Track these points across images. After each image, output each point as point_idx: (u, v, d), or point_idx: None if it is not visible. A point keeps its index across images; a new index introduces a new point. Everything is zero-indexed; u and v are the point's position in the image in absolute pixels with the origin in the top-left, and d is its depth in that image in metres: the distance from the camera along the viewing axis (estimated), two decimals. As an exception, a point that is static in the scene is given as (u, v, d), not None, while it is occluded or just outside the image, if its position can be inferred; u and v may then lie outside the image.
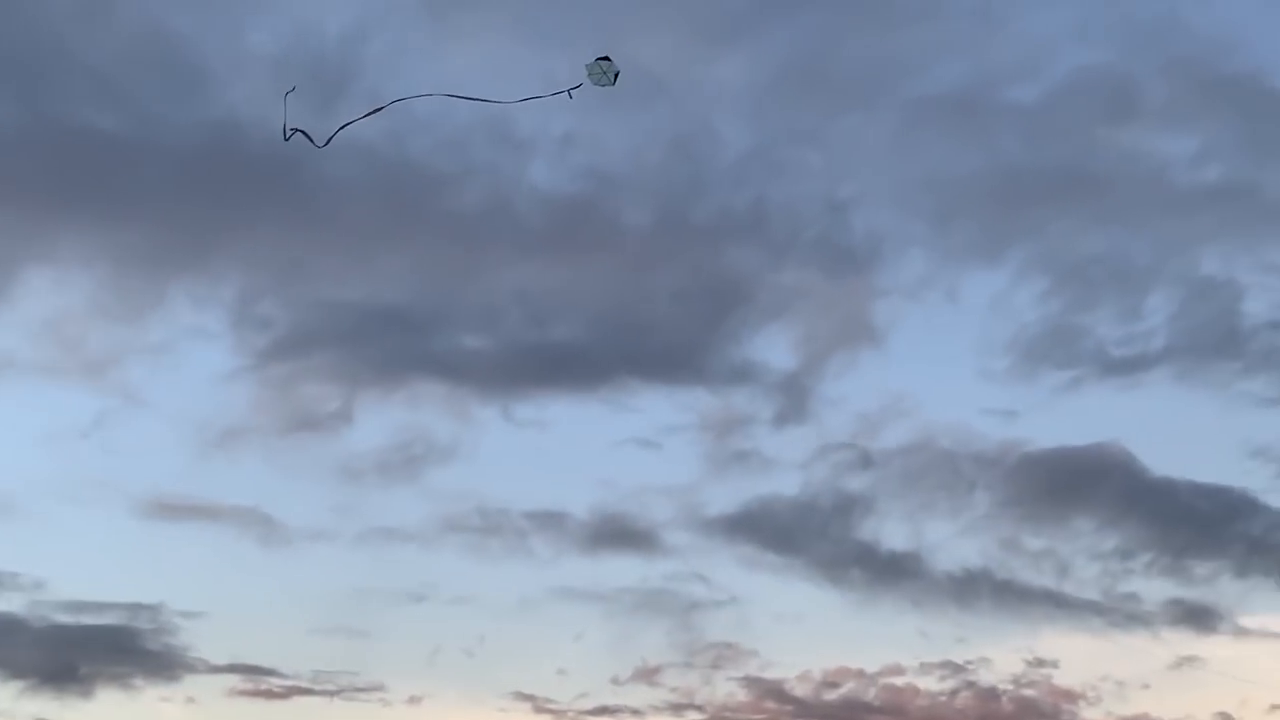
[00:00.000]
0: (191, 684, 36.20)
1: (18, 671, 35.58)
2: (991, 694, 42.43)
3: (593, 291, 39.78)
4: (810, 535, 39.40)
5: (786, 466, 40.07)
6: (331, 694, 36.56)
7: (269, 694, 36.05)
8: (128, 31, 36.33)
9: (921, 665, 40.36)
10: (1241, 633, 44.42)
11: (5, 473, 36.62)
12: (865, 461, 39.94)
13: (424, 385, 39.10)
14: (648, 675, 38.65)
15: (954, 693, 41.57)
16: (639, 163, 39.39)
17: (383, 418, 39.30)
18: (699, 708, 38.12)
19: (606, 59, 15.46)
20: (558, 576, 38.11)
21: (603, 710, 37.93)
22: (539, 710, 37.78)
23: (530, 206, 38.58)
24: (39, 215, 36.56)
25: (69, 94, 36.31)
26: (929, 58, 40.09)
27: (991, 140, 40.34)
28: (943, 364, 40.97)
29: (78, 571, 37.31)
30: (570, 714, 37.98)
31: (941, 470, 39.78)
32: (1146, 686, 40.34)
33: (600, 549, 38.97)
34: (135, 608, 36.94)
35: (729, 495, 38.98)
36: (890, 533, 39.30)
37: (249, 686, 36.10)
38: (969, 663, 40.89)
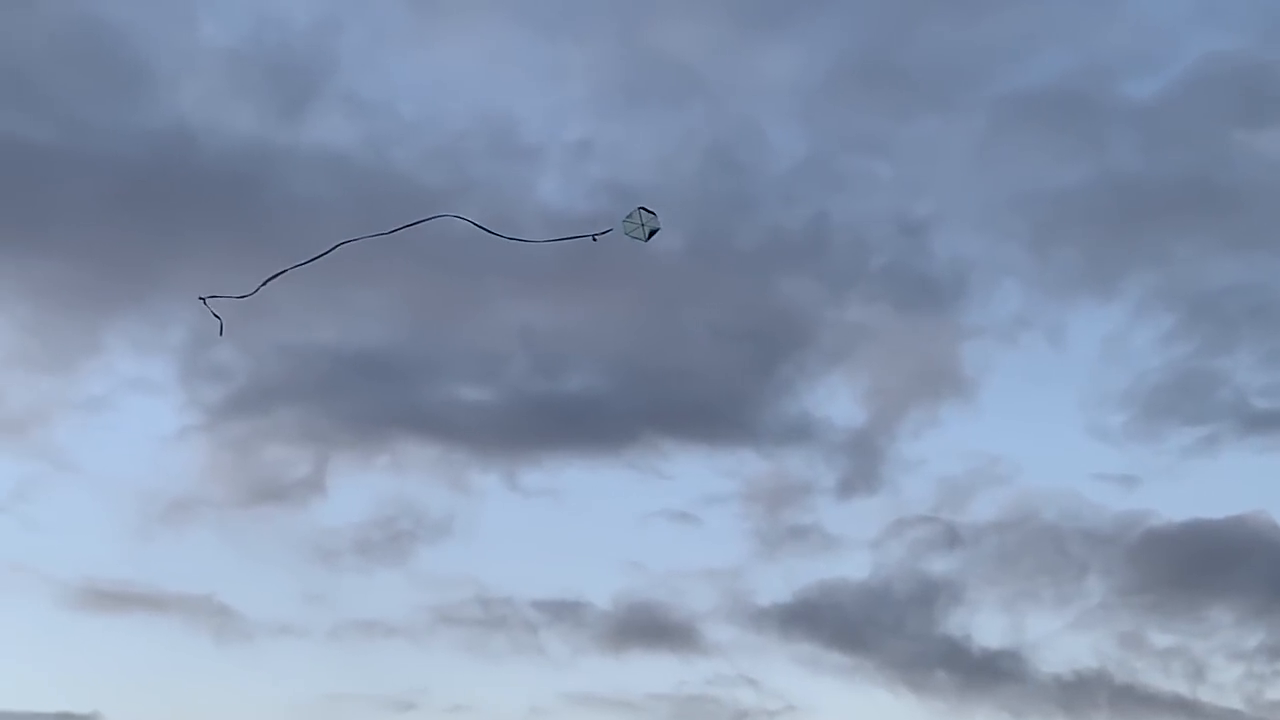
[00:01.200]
0: None
1: None
2: (1111, 826, 42.23)
3: (614, 332, 37.13)
4: (884, 630, 36.99)
5: (854, 545, 37.47)
6: None
7: None
8: (54, 24, 33.90)
9: (1024, 789, 41.56)
10: None
11: None
12: (951, 539, 37.14)
13: (411, 447, 36.79)
14: None
15: (1066, 825, 41.37)
16: (669, 175, 37.07)
17: (362, 487, 36.80)
18: None
19: (649, 211, 15.48)
20: (575, 680, 35.73)
21: None
22: None
23: (538, 229, 35.30)
24: None
25: None
26: (1024, 47, 37.96)
27: (1102, 146, 38.33)
28: (1045, 420, 38.46)
29: None
30: None
31: (1045, 549, 36.85)
32: (1305, 818, 40.54)
33: (627, 646, 36.71)
34: (66, 718, 34.62)
35: (783, 581, 36.59)
36: (983, 626, 36.57)
37: None
38: (1084, 786, 41.26)
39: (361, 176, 33.90)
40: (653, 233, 15.64)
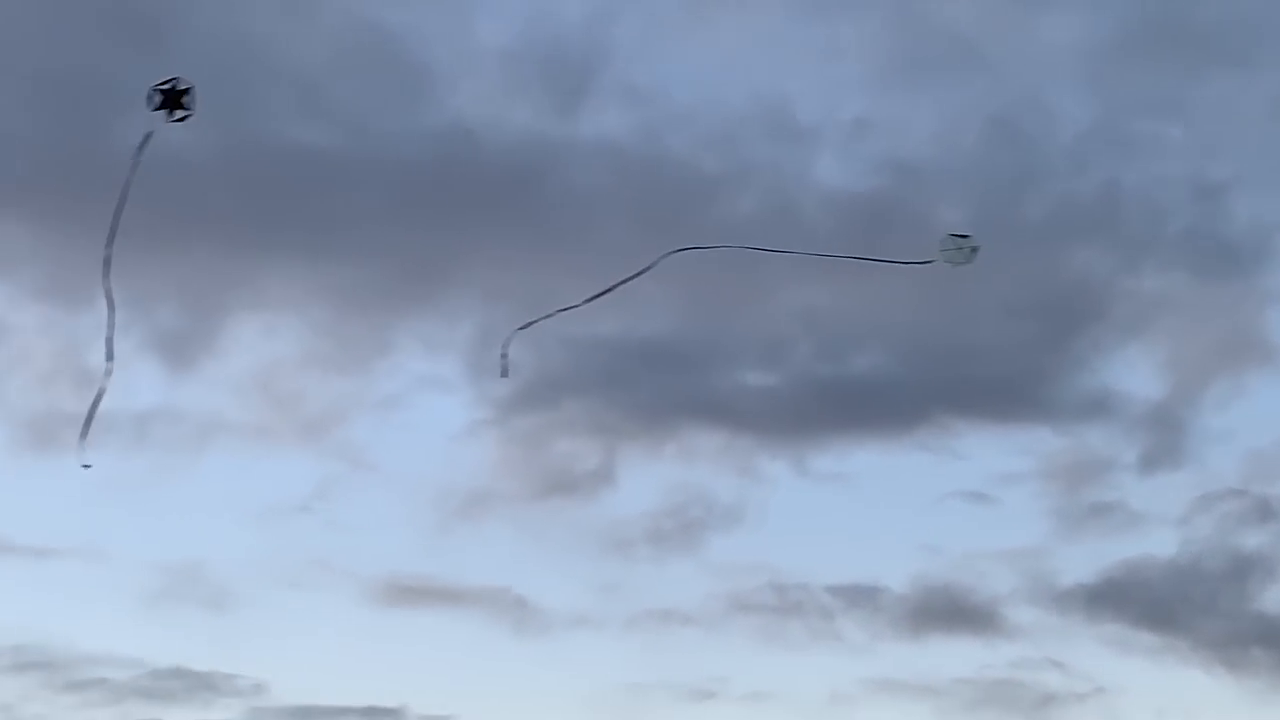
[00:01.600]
0: None
1: None
2: None
3: (901, 312, 35.54)
4: (1194, 608, 35.06)
5: (1159, 522, 35.90)
6: None
7: None
8: (337, 32, 34.16)
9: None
10: None
11: (215, 556, 35.06)
12: (1264, 512, 35.18)
13: (700, 435, 36.08)
14: None
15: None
16: (951, 149, 35.55)
17: (651, 476, 36.28)
18: None
19: (960, 235, 16.11)
20: (875, 666, 34.81)
21: None
22: None
23: (818, 210, 34.61)
24: (242, 253, 34.65)
25: (271, 107, 33.40)
26: (1325, -6, 36.57)
27: None
28: None
29: (303, 671, 34.71)
30: None
31: None
32: None
33: (926, 630, 35.54)
34: (373, 712, 35.23)
35: (1087, 560, 35.16)
36: None
37: None
38: None
39: (639, 166, 33.67)
40: (974, 251, 16.22)
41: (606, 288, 14.50)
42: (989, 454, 36.15)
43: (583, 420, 35.98)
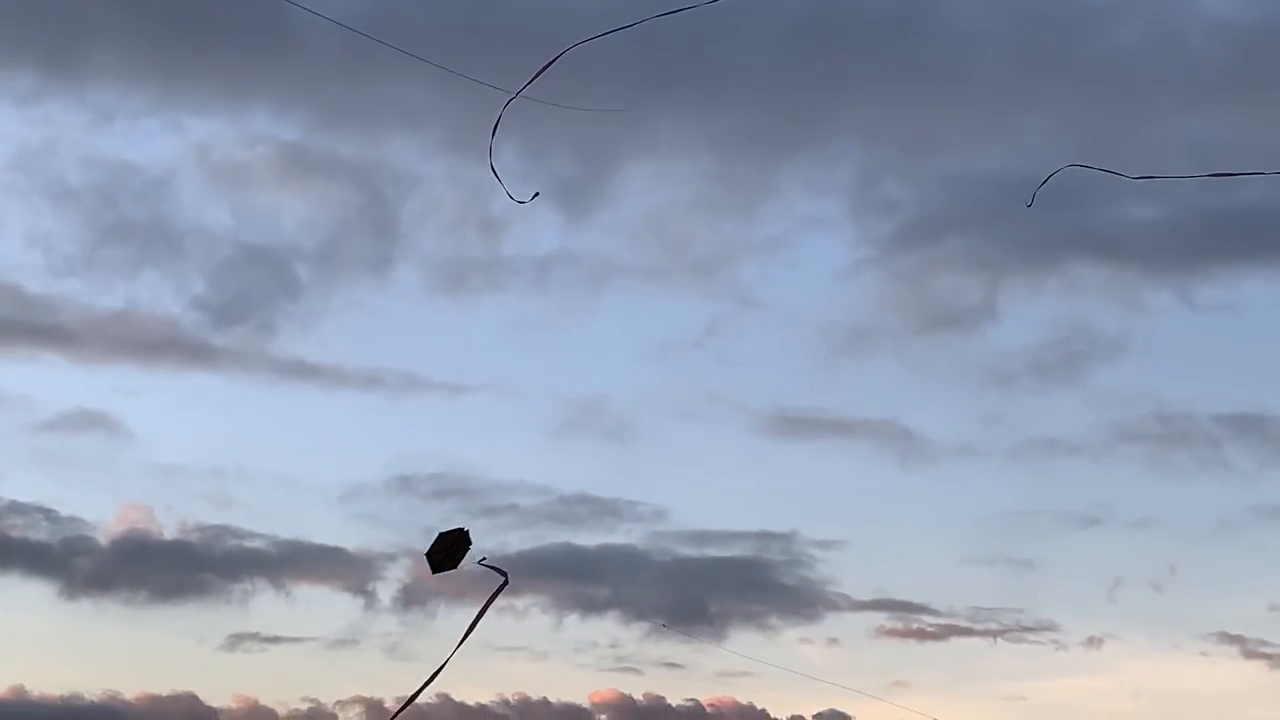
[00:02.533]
0: (833, 623, 34.32)
1: (641, 611, 34.86)
2: None
3: None
4: None
5: None
6: (994, 634, 34.05)
7: (921, 634, 33.75)
8: None
9: None
10: None
11: (615, 390, 36.09)
12: None
13: (1082, 268, 35.36)
14: None
15: None
16: None
17: (1034, 310, 36.28)
18: None
19: None
20: (1264, 493, 33.79)
21: None
22: (1250, 655, 34.67)
23: (1205, 39, 33.55)
24: (632, 102, 34.82)
25: None
26: None
27: None
28: None
29: (699, 498, 36.38)
30: None
31: None
32: None
33: None
34: (765, 537, 35.89)
35: None
36: None
37: (898, 625, 33.80)
38: None
39: (1019, 2, 33.25)
40: None
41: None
42: None
43: (965, 256, 35.65)
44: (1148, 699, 36.85)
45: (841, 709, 36.22)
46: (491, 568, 12.48)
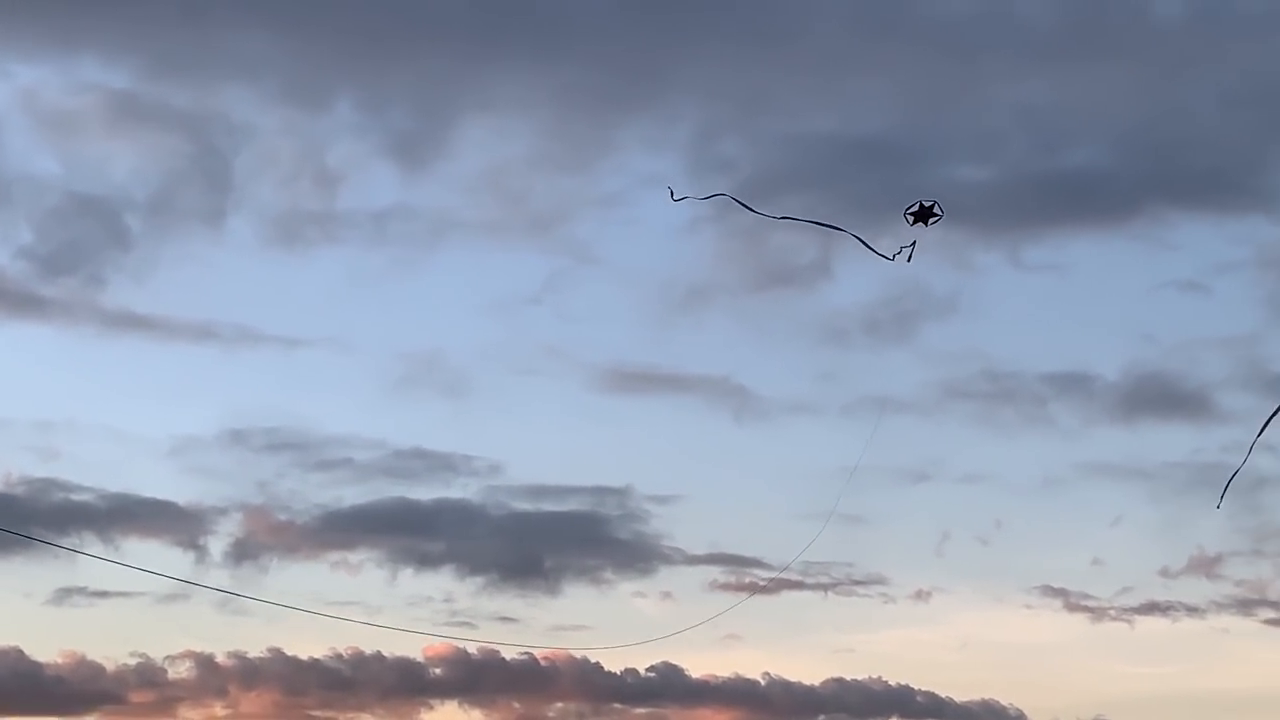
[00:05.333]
0: (668, 577, 35.23)
1: (477, 566, 34.85)
2: None
3: (1116, 105, 35.57)
4: None
5: None
6: (825, 588, 35.14)
7: (754, 588, 33.85)
8: None
9: None
10: None
11: (451, 345, 36.26)
12: None
13: (914, 228, 35.38)
14: (1205, 567, 35.22)
15: None
16: None
17: (867, 269, 35.57)
18: (1273, 604, 34.86)
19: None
20: (1087, 450, 35.44)
21: (1152, 607, 35.85)
22: (1072, 607, 36.18)
23: (1034, 4, 34.68)
24: (471, 58, 35.10)
25: None
26: None
27: None
28: None
29: (535, 453, 36.58)
30: (1112, 611, 35.70)
31: None
32: None
33: (1138, 416, 35.74)
34: (600, 491, 36.37)
35: None
36: None
37: (731, 580, 34.57)
38: None
39: None
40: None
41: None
42: (1203, 244, 36.02)
43: (800, 215, 36.16)
44: (974, 650, 37.89)
45: (675, 661, 36.73)
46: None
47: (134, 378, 39.19)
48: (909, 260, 14.77)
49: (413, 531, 36.51)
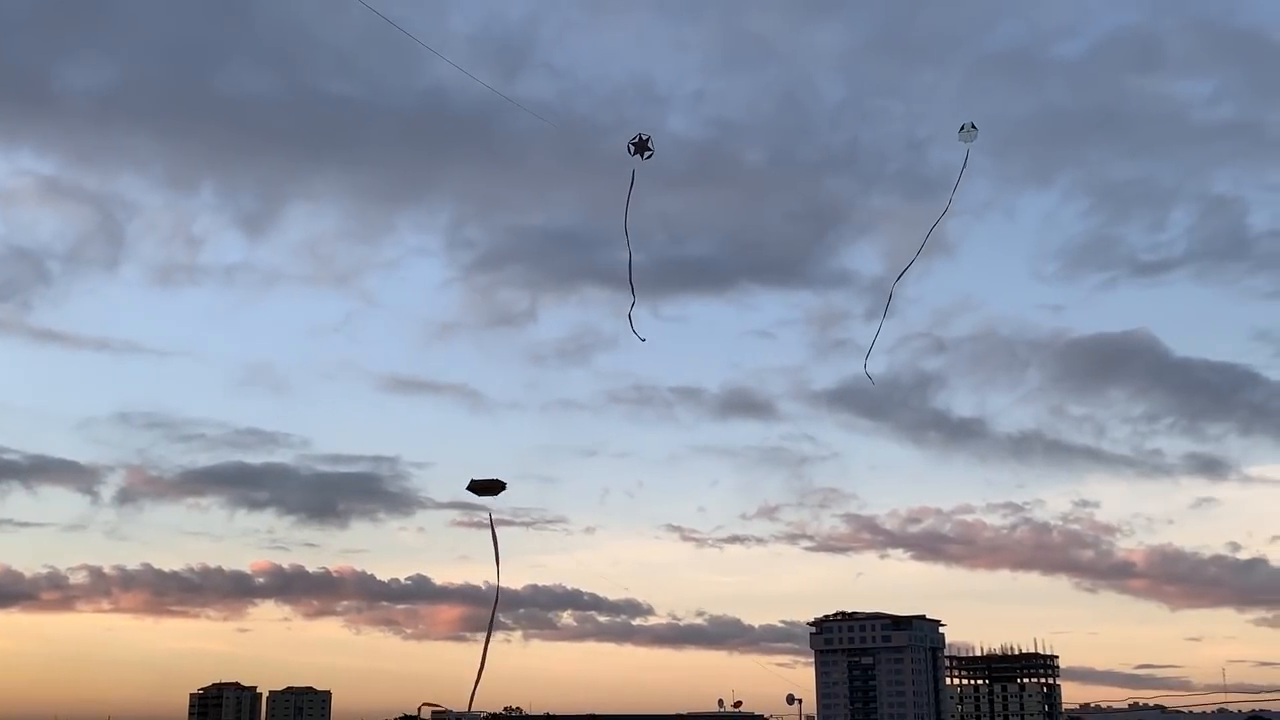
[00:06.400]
0: (422, 517, 52.08)
1: (290, 509, 49.40)
2: (1044, 528, 55.40)
3: (721, 215, 51.80)
4: (895, 405, 50.81)
5: (875, 351, 56.47)
6: (526, 525, 48.94)
7: (479, 525, 48.00)
8: (361, 18, 48.24)
9: (987, 505, 51.81)
10: (1247, 480, 56.92)
11: (278, 359, 52.34)
12: (939, 347, 50.10)
13: (592, 290, 50.59)
14: (769, 512, 54.77)
15: (1014, 527, 53.66)
16: (755, 112, 51.35)
17: (561, 315, 53.27)
18: (809, 537, 49.67)
19: (974, 127, 34.02)
20: (697, 437, 51.34)
21: (734, 539, 53.21)
22: (685, 539, 57.00)
23: (670, 149, 50.88)
24: (298, 161, 48.84)
25: (317, 68, 48.29)
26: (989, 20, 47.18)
27: (1040, 88, 48.20)
28: (1002, 269, 49.11)
29: (334, 432, 55.93)
30: (710, 541, 52.69)
31: (1000, 353, 48.96)
32: (1170, 522, 53.65)
33: (730, 416, 52.58)
34: (379, 459, 54.19)
35: (830, 374, 52.46)
36: (960, 402, 50.31)
37: (464, 519, 48.68)
38: (1026, 504, 52.88)
39: (557, 118, 47.54)
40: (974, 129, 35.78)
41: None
42: (772, 307, 54.89)
43: (519, 278, 51.94)
44: (623, 567, 53.55)
45: (425, 574, 49.81)
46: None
47: (52, 374, 51.83)
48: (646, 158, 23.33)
49: (246, 484, 50.53)
